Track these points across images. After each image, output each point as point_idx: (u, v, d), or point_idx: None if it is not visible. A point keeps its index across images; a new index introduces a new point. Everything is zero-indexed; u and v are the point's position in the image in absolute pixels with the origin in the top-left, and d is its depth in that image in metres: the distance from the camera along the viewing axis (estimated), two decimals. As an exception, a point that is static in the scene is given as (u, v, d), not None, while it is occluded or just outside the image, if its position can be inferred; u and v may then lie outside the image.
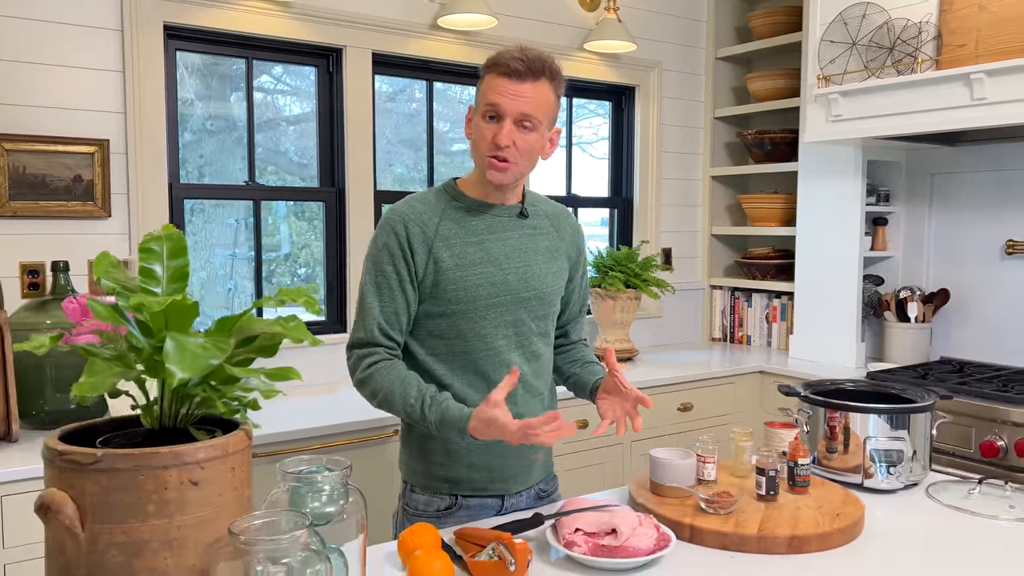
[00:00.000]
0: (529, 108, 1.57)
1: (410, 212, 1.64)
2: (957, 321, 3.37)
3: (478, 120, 1.62)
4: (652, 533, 1.38)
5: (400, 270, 1.62)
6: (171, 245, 1.06)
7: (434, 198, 1.68)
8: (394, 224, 1.63)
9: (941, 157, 3.39)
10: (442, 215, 1.65)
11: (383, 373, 1.60)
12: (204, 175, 2.88)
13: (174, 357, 0.88)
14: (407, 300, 1.64)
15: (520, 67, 1.56)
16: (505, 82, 1.57)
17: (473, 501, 1.69)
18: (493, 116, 1.59)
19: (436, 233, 1.63)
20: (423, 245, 1.62)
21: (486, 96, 1.59)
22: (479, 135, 1.61)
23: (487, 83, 1.60)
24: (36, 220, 2.48)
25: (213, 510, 0.98)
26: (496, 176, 1.61)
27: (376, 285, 1.63)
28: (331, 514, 1.12)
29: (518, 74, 1.56)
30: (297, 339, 1.07)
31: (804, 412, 1.87)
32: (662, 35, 3.85)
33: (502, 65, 1.57)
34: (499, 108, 1.57)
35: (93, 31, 2.54)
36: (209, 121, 2.88)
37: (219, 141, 2.92)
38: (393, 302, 1.63)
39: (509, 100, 1.56)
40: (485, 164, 1.61)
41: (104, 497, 0.93)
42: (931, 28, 2.77)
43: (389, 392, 1.59)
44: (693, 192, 4.06)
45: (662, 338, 3.97)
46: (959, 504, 1.69)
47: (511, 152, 1.58)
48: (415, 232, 1.62)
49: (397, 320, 1.64)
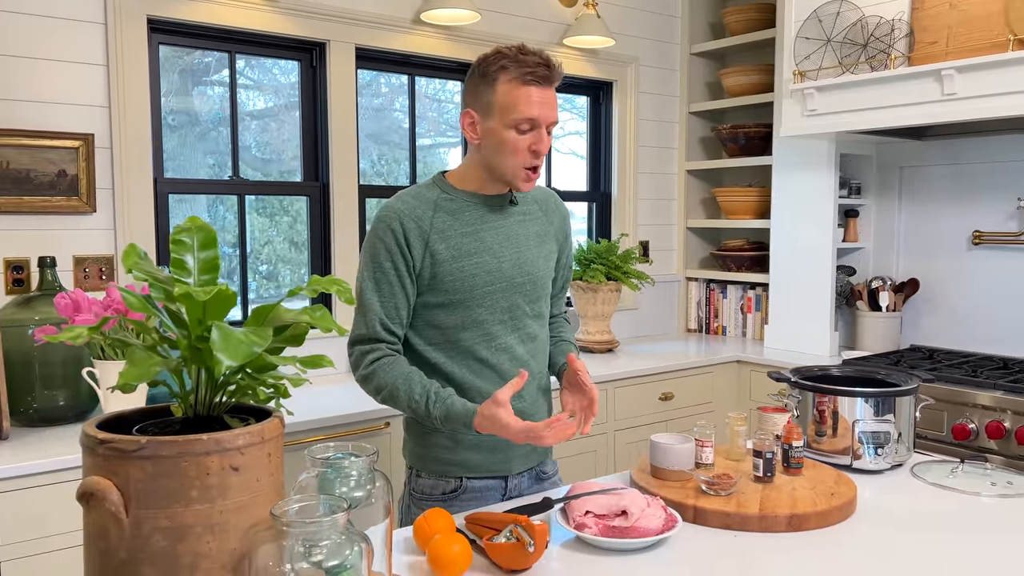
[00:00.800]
0: (556, 114, 1.63)
1: (404, 208, 1.67)
2: (926, 310, 3.48)
3: (503, 129, 1.60)
4: (660, 514, 1.43)
5: (398, 265, 1.65)
6: (202, 237, 1.08)
7: (427, 192, 1.70)
8: (390, 221, 1.65)
9: (910, 151, 3.50)
10: (435, 208, 1.68)
11: (386, 369, 1.63)
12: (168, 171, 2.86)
13: (221, 345, 0.90)
14: (406, 294, 1.66)
15: (548, 74, 1.59)
16: (535, 90, 1.58)
17: (478, 483, 1.73)
18: (528, 128, 1.60)
19: (431, 226, 1.66)
20: (419, 239, 1.65)
21: (517, 108, 1.58)
22: (510, 147, 1.61)
23: (512, 91, 1.58)
24: (20, 216, 2.45)
25: (252, 495, 1.00)
26: (530, 185, 1.66)
27: (375, 281, 1.65)
28: (359, 499, 1.15)
29: (547, 80, 1.59)
30: (326, 328, 1.10)
31: (793, 397, 1.93)
32: (639, 31, 3.91)
33: (527, 70, 1.57)
34: (537, 120, 1.59)
35: (76, 24, 2.51)
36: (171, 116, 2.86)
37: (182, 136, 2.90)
38: (393, 297, 1.65)
39: (546, 110, 1.60)
40: (518, 174, 1.63)
41: (149, 483, 0.94)
42: (903, 25, 2.86)
43: (393, 388, 1.61)
44: (669, 186, 4.13)
45: (640, 329, 4.03)
46: (943, 482, 1.76)
47: (541, 157, 1.64)
48: (411, 227, 1.65)
49: (397, 315, 1.66)
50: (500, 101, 1.60)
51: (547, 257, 1.79)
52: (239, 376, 1.02)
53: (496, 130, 1.62)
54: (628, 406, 3.17)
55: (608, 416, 3.11)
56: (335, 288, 1.07)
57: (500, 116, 1.61)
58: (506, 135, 1.61)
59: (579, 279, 3.47)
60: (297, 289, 1.07)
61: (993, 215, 3.26)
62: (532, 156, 1.62)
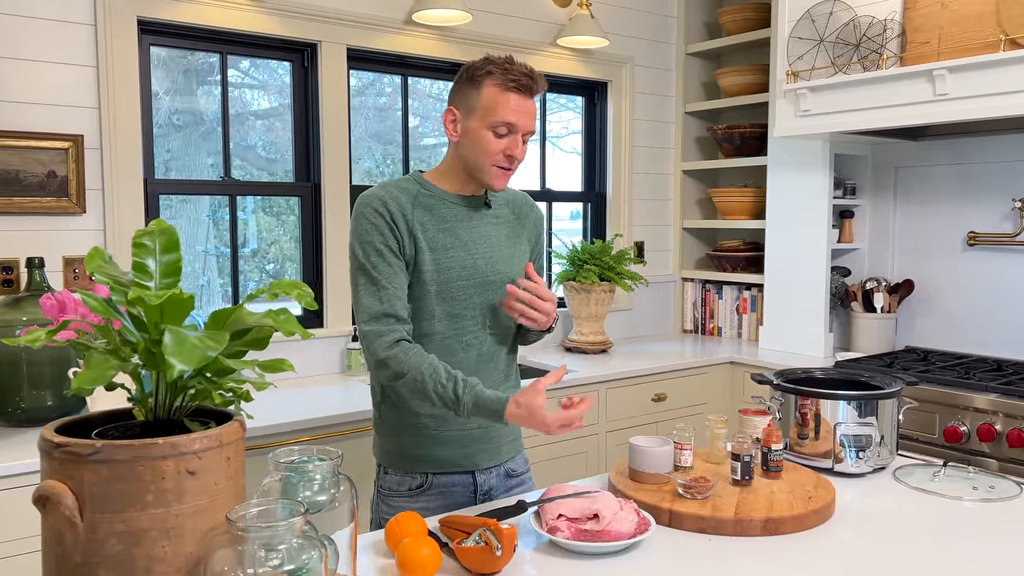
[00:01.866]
0: (534, 124, 1.69)
1: (388, 196, 1.69)
2: (921, 311, 3.46)
3: (482, 129, 1.65)
4: (633, 517, 1.42)
5: (392, 246, 1.66)
6: (164, 240, 1.08)
7: (406, 185, 1.73)
8: (376, 205, 1.67)
9: (905, 151, 3.48)
10: (414, 202, 1.71)
11: (409, 355, 1.60)
12: (171, 170, 2.87)
13: (173, 349, 0.90)
14: (403, 272, 1.67)
15: (530, 84, 1.66)
16: (516, 98, 1.64)
17: (444, 478, 1.74)
18: (506, 131, 1.65)
19: (413, 215, 1.69)
20: (404, 225, 1.68)
21: (498, 111, 1.64)
22: (486, 145, 1.66)
23: (495, 95, 1.64)
24: (9, 216, 2.46)
25: (209, 499, 1.00)
26: (501, 183, 1.70)
27: (373, 265, 1.64)
28: (323, 503, 1.15)
29: (528, 90, 1.66)
30: (288, 332, 1.10)
31: (776, 400, 1.93)
32: (634, 31, 3.90)
33: (511, 78, 1.64)
34: (515, 126, 1.65)
35: (66, 26, 2.52)
36: (176, 115, 2.87)
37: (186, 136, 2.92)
38: (396, 276, 1.65)
39: (524, 118, 1.66)
40: (492, 173, 1.68)
41: (103, 487, 0.94)
42: (896, 26, 2.84)
43: (418, 373, 1.58)
44: (664, 186, 4.12)
45: (634, 330, 4.02)
46: (925, 486, 1.75)
47: (517, 162, 1.69)
48: (396, 213, 1.67)
49: (403, 292, 1.66)
50: (483, 103, 1.65)
51: (520, 257, 1.81)
52: (196, 380, 1.02)
53: (476, 129, 1.67)
54: (620, 407, 3.17)
55: (600, 417, 3.11)
56: (295, 292, 1.07)
57: (481, 117, 1.66)
58: (484, 135, 1.66)
59: (572, 280, 3.46)
60: (258, 292, 1.07)
61: (988, 216, 3.24)
62: (506, 160, 1.67)
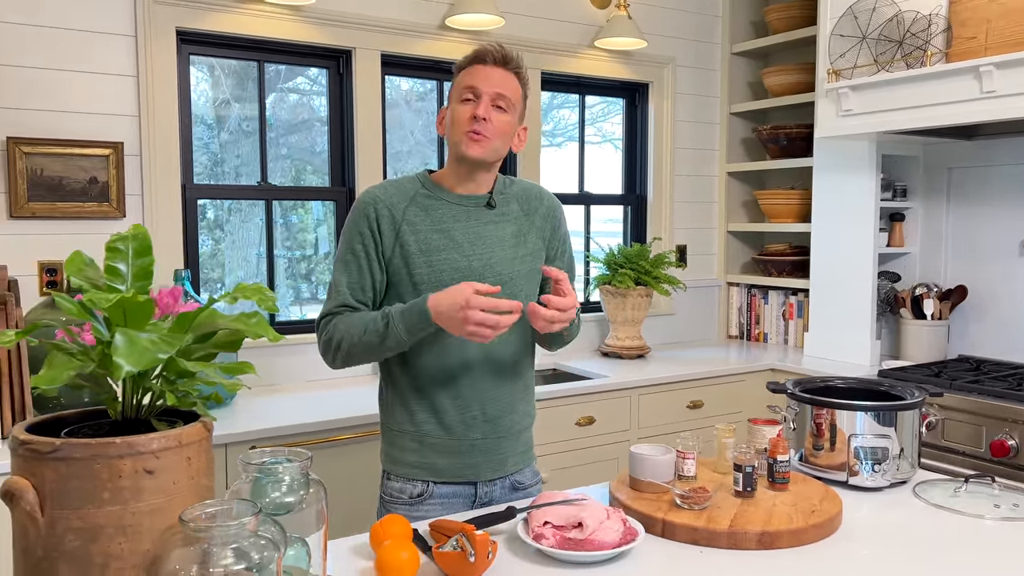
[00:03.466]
0: (503, 89, 1.69)
1: (381, 195, 1.72)
2: (975, 318, 3.31)
3: (454, 106, 1.71)
4: (618, 527, 1.40)
5: (368, 249, 1.70)
6: (136, 244, 1.11)
7: (407, 184, 1.76)
8: (365, 206, 1.71)
9: (959, 151, 3.33)
10: (411, 201, 1.72)
11: (343, 320, 1.67)
12: (241, 176, 2.99)
13: (122, 351, 0.92)
14: (373, 277, 1.71)
15: (496, 55, 1.69)
16: (480, 67, 1.69)
17: (445, 488, 1.73)
18: (469, 98, 1.68)
19: (404, 217, 1.70)
20: (391, 227, 1.69)
21: (462, 82, 1.71)
22: (455, 117, 1.70)
23: (461, 75, 1.73)
24: (53, 221, 2.57)
25: (167, 498, 1.02)
26: (473, 149, 1.67)
27: (345, 263, 1.71)
28: (291, 504, 1.16)
29: (493, 59, 1.69)
30: (256, 335, 1.11)
31: (792, 409, 1.87)
32: (676, 31, 3.84)
33: (478, 55, 1.70)
34: (476, 89, 1.68)
35: (108, 37, 2.62)
36: (246, 122, 2.97)
37: (254, 141, 3.02)
38: (361, 278, 1.70)
39: (485, 82, 1.68)
40: (462, 140, 1.68)
41: (62, 484, 0.97)
42: (941, 20, 2.73)
43: (350, 328, 1.64)
44: (709, 188, 4.04)
45: (677, 335, 3.96)
46: (944, 503, 1.67)
47: (487, 127, 1.67)
48: (384, 214, 1.70)
49: (363, 293, 1.71)
50: (455, 86, 1.73)
51: (524, 258, 1.77)
52: (155, 381, 1.04)
53: (451, 110, 1.72)
54: (654, 413, 3.12)
55: (631, 423, 3.06)
56: (257, 297, 1.08)
57: (453, 97, 1.72)
58: (455, 108, 1.72)
59: (608, 283, 3.43)
60: (222, 296, 1.09)
61: (1047, 219, 3.07)
62: (471, 121, 1.67)
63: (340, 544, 1.48)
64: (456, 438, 1.71)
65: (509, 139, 1.73)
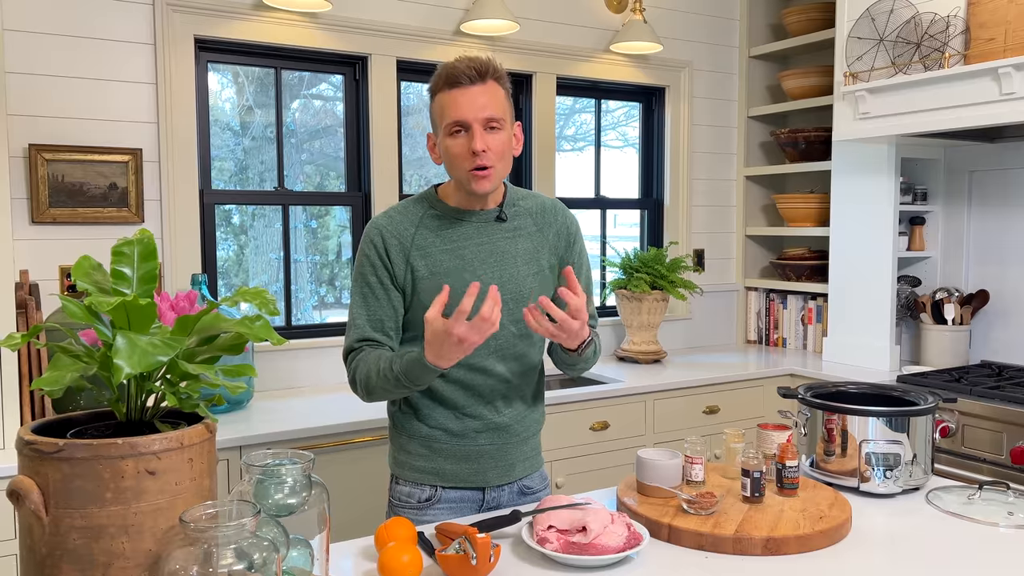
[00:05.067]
0: (491, 110, 1.60)
1: (387, 224, 1.70)
2: (998, 323, 3.26)
3: (444, 140, 1.63)
4: (623, 531, 1.39)
5: (383, 279, 1.68)
6: (141, 249, 1.13)
7: (413, 207, 1.72)
8: (372, 237, 1.69)
9: (980, 154, 3.29)
10: (419, 224, 1.70)
11: (362, 360, 1.65)
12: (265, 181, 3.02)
13: (123, 353, 0.94)
14: (392, 306, 1.69)
15: (470, 72, 1.59)
16: (457, 92, 1.59)
17: (453, 493, 1.73)
18: (459, 130, 1.61)
19: (412, 243, 1.68)
20: (400, 255, 1.67)
21: (445, 114, 1.61)
22: (451, 153, 1.62)
23: (441, 102, 1.62)
24: (74, 226, 2.62)
25: (169, 499, 1.04)
26: (482, 185, 1.62)
27: (362, 296, 1.70)
28: (293, 505, 1.17)
29: (469, 79, 1.59)
30: (259, 339, 1.13)
31: (803, 414, 1.85)
32: (693, 35, 3.83)
33: (451, 78, 1.59)
34: (464, 120, 1.59)
35: (127, 46, 2.66)
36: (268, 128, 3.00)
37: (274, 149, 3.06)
38: (379, 309, 1.69)
39: (470, 110, 1.58)
40: (468, 178, 1.62)
41: (65, 484, 0.99)
42: (959, 22, 2.70)
43: (368, 372, 1.62)
44: (726, 192, 4.02)
45: (694, 340, 3.94)
46: (957, 510, 1.65)
47: (489, 157, 1.60)
48: (392, 244, 1.68)
49: (382, 326, 1.69)
50: (436, 113, 1.65)
51: (538, 275, 1.73)
52: (158, 384, 1.06)
53: (441, 142, 1.65)
54: (669, 418, 3.10)
55: (647, 428, 3.05)
56: (257, 300, 1.10)
57: (440, 127, 1.64)
58: (447, 143, 1.63)
59: (623, 288, 3.42)
60: (223, 300, 1.10)
61: (1071, 222, 3.02)
62: (470, 157, 1.60)
63: (346, 546, 1.49)
64: (464, 444, 1.71)
65: (510, 153, 1.66)
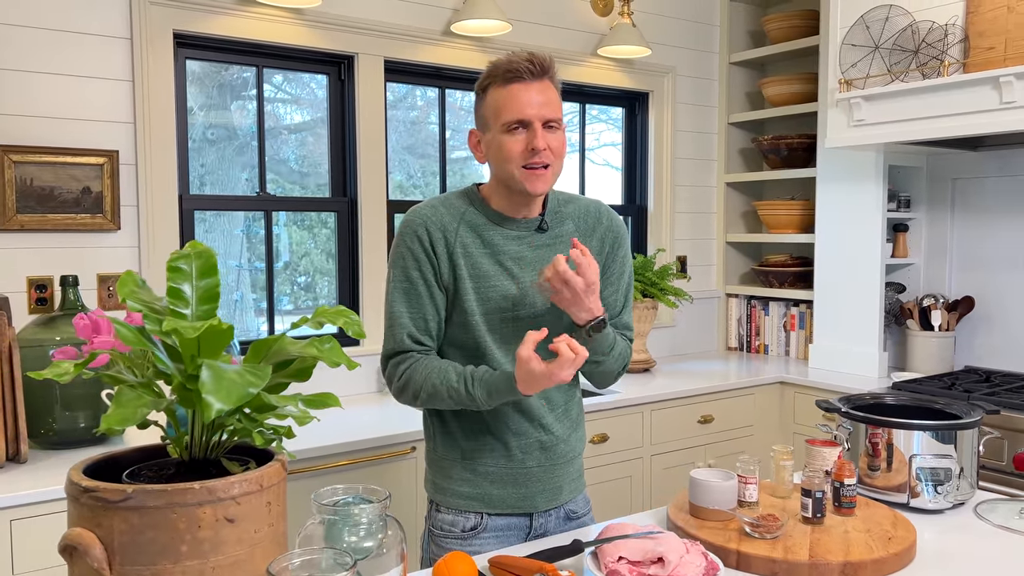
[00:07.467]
0: (551, 110, 1.54)
1: (432, 215, 1.59)
2: (981, 329, 3.30)
3: (499, 136, 1.54)
4: (700, 561, 1.31)
5: (426, 275, 1.57)
6: (200, 263, 1.00)
7: (456, 202, 1.62)
8: (416, 228, 1.58)
9: (963, 162, 3.33)
10: (461, 220, 1.60)
11: (418, 370, 1.55)
12: (205, 185, 2.83)
13: (211, 387, 0.81)
14: (435, 305, 1.59)
15: (533, 68, 1.52)
16: (519, 87, 1.52)
17: (500, 520, 1.62)
18: (517, 127, 1.53)
19: (456, 238, 1.58)
20: (444, 249, 1.58)
21: (504, 109, 1.52)
22: (505, 150, 1.53)
23: (498, 95, 1.54)
24: (44, 233, 2.41)
25: (249, 549, 0.91)
26: (537, 185, 1.54)
27: (404, 292, 1.58)
28: (369, 549, 1.05)
29: (532, 74, 1.52)
30: (333, 363, 1.01)
31: (844, 428, 1.80)
32: (676, 40, 3.80)
33: (510, 73, 1.52)
34: (525, 118, 1.51)
35: (102, 40, 2.48)
36: (210, 130, 2.82)
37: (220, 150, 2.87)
38: (421, 308, 1.58)
39: (534, 107, 1.52)
40: (522, 176, 1.53)
41: (134, 537, 0.86)
42: (958, 31, 2.71)
43: (430, 386, 1.53)
44: (707, 199, 4.00)
45: (678, 348, 3.90)
46: (1011, 524, 1.62)
47: (547, 155, 1.53)
48: (437, 236, 1.58)
49: (426, 326, 1.58)
50: (491, 109, 1.56)
51: None
52: (236, 418, 0.93)
53: (493, 139, 1.56)
54: (665, 429, 3.05)
55: (644, 440, 2.99)
56: (342, 320, 0.98)
57: (494, 124, 1.55)
58: (502, 140, 1.54)
59: (614, 296, 3.35)
60: (301, 321, 0.98)
61: (1054, 229, 3.08)
62: (530, 154, 1.52)
63: (395, 584, 1.37)
64: (512, 466, 1.61)
65: (564, 155, 1.59)
